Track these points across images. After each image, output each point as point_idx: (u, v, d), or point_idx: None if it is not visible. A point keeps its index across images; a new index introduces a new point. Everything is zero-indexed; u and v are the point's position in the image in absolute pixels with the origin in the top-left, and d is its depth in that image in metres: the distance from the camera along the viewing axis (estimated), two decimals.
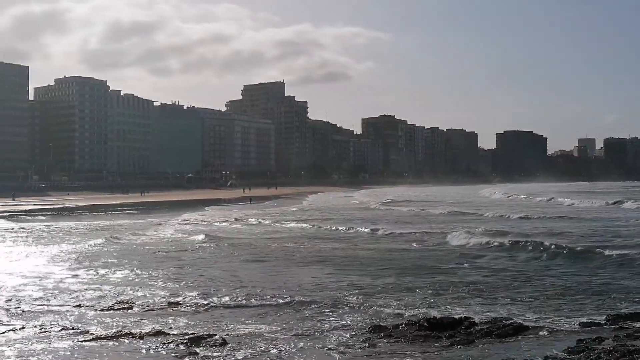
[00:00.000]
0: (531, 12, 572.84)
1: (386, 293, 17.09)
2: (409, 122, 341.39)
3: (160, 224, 45.13)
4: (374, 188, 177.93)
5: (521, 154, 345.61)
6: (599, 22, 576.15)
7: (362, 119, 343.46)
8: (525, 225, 39.45)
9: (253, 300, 16.15)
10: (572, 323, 13.09)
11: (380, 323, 13.15)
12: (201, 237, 33.76)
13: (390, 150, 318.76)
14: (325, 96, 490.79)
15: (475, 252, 26.23)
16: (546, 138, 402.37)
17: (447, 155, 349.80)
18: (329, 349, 11.37)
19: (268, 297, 16.53)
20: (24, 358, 10.92)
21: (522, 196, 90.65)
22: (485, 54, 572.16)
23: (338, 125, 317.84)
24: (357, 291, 17.29)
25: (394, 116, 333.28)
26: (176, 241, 32.47)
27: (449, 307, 15.16)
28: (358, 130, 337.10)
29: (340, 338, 12.12)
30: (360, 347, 11.43)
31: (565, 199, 76.40)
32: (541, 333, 12.23)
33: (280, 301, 15.96)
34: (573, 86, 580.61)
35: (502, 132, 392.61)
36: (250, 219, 46.50)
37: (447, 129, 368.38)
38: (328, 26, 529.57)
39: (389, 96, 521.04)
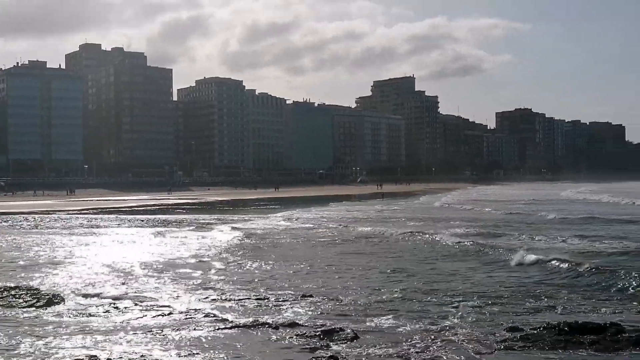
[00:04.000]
0: None
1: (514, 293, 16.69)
2: (547, 116, 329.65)
3: (294, 218, 46.30)
4: (499, 185, 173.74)
5: None
6: None
7: (496, 113, 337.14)
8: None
9: (377, 296, 16.10)
10: None
11: (517, 324, 12.59)
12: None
13: (526, 145, 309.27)
14: (458, 91, 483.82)
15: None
16: None
17: (590, 150, 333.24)
18: (464, 348, 11.11)
19: (390, 292, 16.51)
20: (167, 344, 11.37)
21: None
22: (632, 41, 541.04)
23: (470, 120, 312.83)
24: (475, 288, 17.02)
25: (530, 109, 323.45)
26: (317, 235, 32.92)
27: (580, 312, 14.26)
28: (492, 124, 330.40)
29: (474, 336, 11.82)
30: (496, 349, 11.06)
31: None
32: None
33: (409, 295, 15.91)
34: None
35: None
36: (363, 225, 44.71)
37: (590, 122, 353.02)
38: (463, 18, 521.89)
39: (527, 89, 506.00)
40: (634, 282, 16.53)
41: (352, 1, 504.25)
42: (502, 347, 11.16)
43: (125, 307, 14.50)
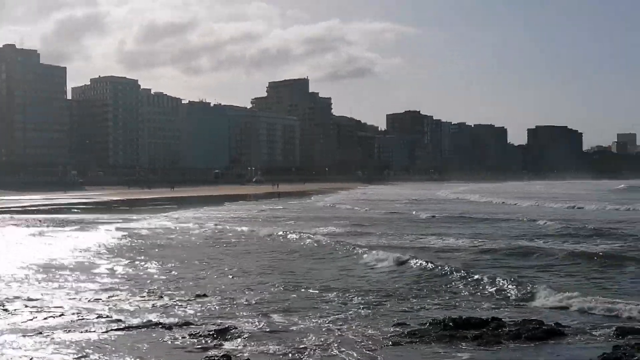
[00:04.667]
0: (560, 2, 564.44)
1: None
2: (435, 118, 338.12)
3: (188, 218, 45.76)
4: (388, 185, 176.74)
5: (554, 150, 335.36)
6: (633, 8, 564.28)
7: (386, 115, 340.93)
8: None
9: (270, 294, 16.32)
10: (609, 328, 12.26)
11: (404, 321, 13.04)
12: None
13: (415, 146, 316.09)
14: (351, 92, 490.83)
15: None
16: (582, 133, 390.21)
17: (475, 151, 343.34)
18: (355, 344, 11.41)
19: (283, 290, 16.83)
20: (59, 346, 11.27)
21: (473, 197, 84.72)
22: (517, 47, 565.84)
23: (363, 122, 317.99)
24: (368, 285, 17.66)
25: (419, 112, 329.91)
26: (209, 236, 32.93)
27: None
28: (383, 126, 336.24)
29: (363, 333, 12.18)
30: (385, 345, 11.40)
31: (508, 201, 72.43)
32: (575, 338, 11.82)
33: (301, 294, 16.35)
34: (612, 78, 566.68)
35: (534, 127, 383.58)
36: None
37: (475, 125, 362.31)
38: (356, 22, 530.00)
39: (416, 92, 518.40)
40: (499, 279, 17.31)
41: (249, 3, 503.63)
42: (391, 342, 11.50)
43: (15, 310, 14.25)
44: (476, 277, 17.97)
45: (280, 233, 32.58)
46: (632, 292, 16.27)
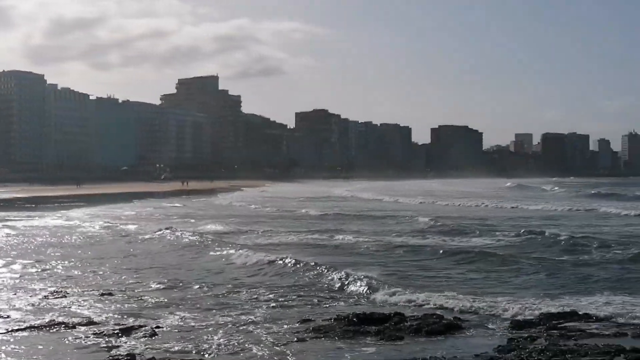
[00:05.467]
0: (465, 6, 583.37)
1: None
2: (342, 117, 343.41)
3: (92, 215, 45.20)
4: (295, 183, 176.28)
5: (455, 149, 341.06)
6: (536, 13, 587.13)
7: (295, 113, 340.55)
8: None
9: (177, 292, 16.46)
10: (505, 321, 12.94)
11: (310, 317, 13.25)
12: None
13: (323, 144, 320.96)
14: (261, 91, 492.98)
15: None
16: (482, 133, 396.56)
17: (381, 149, 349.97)
18: (259, 342, 11.53)
19: (189, 288, 17.03)
20: None
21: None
22: (421, 49, 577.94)
23: (272, 120, 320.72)
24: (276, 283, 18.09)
25: (327, 110, 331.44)
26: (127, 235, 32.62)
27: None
28: (292, 124, 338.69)
29: (269, 330, 12.36)
30: (290, 341, 11.59)
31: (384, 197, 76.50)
32: (472, 331, 12.27)
33: (205, 292, 16.60)
34: (510, 80, 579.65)
35: (437, 126, 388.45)
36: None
37: (381, 124, 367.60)
38: (266, 21, 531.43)
39: (325, 91, 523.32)
40: (379, 277, 17.99)
41: None
42: (296, 338, 11.73)
43: None
44: (345, 273, 18.32)
45: (167, 230, 32.53)
46: (512, 287, 17.39)
